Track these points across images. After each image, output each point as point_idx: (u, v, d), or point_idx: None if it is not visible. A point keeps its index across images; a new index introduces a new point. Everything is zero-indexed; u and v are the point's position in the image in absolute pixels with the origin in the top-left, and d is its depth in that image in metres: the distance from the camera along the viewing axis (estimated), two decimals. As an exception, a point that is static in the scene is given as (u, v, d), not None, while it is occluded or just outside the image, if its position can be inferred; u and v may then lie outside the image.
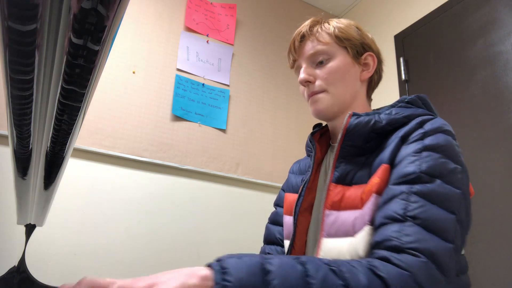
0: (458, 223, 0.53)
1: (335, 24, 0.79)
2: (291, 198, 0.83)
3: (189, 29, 2.12)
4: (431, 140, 0.60)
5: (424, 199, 0.54)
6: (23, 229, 1.18)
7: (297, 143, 2.30)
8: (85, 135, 1.70)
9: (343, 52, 0.77)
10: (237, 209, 1.98)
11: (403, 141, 0.63)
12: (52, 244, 1.52)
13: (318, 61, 0.77)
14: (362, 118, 0.69)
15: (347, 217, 0.65)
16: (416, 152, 0.59)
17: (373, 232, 0.58)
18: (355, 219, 0.63)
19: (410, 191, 0.55)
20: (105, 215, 1.66)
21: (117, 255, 1.63)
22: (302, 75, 0.78)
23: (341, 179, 0.69)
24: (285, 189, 0.91)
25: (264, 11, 2.47)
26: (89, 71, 0.41)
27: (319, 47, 0.77)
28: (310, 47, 0.78)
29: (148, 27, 2.01)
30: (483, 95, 1.64)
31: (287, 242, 0.78)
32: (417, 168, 0.57)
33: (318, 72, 0.77)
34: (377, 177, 0.61)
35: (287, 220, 0.82)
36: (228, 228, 1.92)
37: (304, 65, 0.79)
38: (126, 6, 0.37)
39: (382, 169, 0.62)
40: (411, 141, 0.62)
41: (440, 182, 0.55)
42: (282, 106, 2.34)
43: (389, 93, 2.09)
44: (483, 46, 1.69)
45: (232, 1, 2.33)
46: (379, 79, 0.84)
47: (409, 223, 0.52)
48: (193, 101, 2.03)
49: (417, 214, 0.52)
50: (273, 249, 0.86)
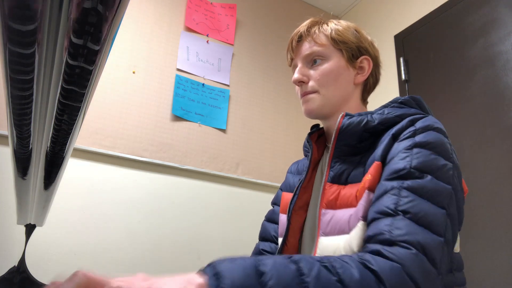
0: (449, 217, 0.54)
1: (333, 26, 0.80)
2: (288, 197, 0.85)
3: (189, 29, 2.12)
4: (421, 137, 0.61)
5: (415, 194, 0.55)
6: (23, 229, 1.19)
7: (296, 143, 2.30)
8: (85, 135, 1.70)
9: (338, 55, 0.78)
10: (237, 209, 1.98)
11: (394, 139, 0.65)
12: (52, 244, 1.52)
13: (313, 61, 0.79)
14: (355, 118, 0.70)
15: (342, 215, 0.66)
16: (407, 148, 0.60)
17: (365, 228, 0.59)
18: (350, 216, 0.64)
19: (401, 186, 0.56)
20: (105, 215, 1.66)
21: (117, 255, 1.63)
22: (296, 75, 0.79)
23: (336, 178, 0.71)
24: (283, 188, 0.93)
25: (264, 11, 2.47)
26: (89, 71, 0.41)
27: (315, 48, 0.78)
28: (307, 47, 0.79)
29: (148, 27, 2.01)
30: (483, 95, 1.64)
31: (280, 239, 0.80)
32: (407, 164, 0.58)
33: (312, 72, 0.79)
34: (369, 174, 0.63)
35: (282, 218, 0.84)
36: (228, 228, 1.92)
37: (300, 65, 0.80)
38: (126, 6, 0.37)
39: (374, 166, 0.63)
40: (402, 139, 0.63)
41: (430, 177, 0.56)
42: (282, 106, 2.34)
43: (389, 93, 2.09)
44: (483, 46, 1.69)
45: (232, 1, 2.33)
46: (376, 82, 0.85)
47: (400, 217, 0.53)
48: (193, 101, 2.03)
49: (408, 208, 0.53)
50: (267, 245, 0.88)
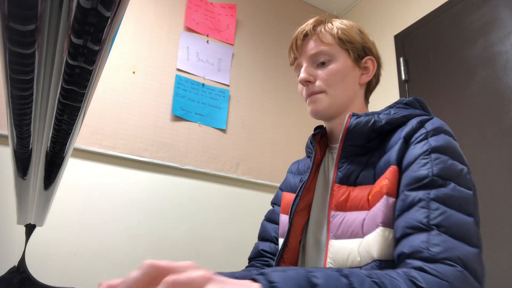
0: (477, 225, 0.54)
1: (338, 25, 0.79)
2: (289, 198, 0.84)
3: (189, 29, 2.12)
4: (436, 141, 0.60)
5: (444, 205, 0.54)
6: (23, 229, 1.19)
7: (297, 143, 2.30)
8: (85, 135, 1.70)
9: (345, 55, 0.78)
10: (237, 209, 1.98)
11: (406, 141, 0.64)
12: (52, 244, 1.52)
13: (320, 61, 0.78)
14: (362, 118, 0.70)
15: (354, 218, 0.65)
16: (425, 154, 0.60)
17: (385, 233, 0.59)
18: (364, 220, 0.63)
19: (428, 197, 0.55)
20: (105, 215, 1.66)
21: (117, 255, 1.63)
22: (303, 74, 0.78)
23: (344, 179, 0.70)
24: (283, 188, 0.92)
25: (264, 11, 2.47)
26: (89, 71, 0.41)
27: (322, 47, 0.77)
28: (313, 46, 0.78)
29: (148, 27, 2.01)
30: (483, 95, 1.64)
31: (281, 240, 0.79)
32: (429, 172, 0.57)
33: (318, 72, 0.77)
34: (386, 179, 0.62)
35: (283, 219, 0.83)
36: (228, 228, 1.92)
37: (305, 64, 0.79)
38: (126, 6, 0.37)
39: (390, 171, 0.62)
40: (416, 142, 0.62)
41: (453, 185, 0.56)
42: (282, 106, 2.34)
43: (389, 93, 2.09)
44: (483, 46, 1.69)
45: (232, 1, 2.33)
46: (377, 82, 0.85)
47: (435, 232, 0.52)
48: (193, 101, 2.02)
49: (441, 222, 0.53)
50: (267, 245, 0.87)
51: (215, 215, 1.91)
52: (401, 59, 2.10)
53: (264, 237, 0.90)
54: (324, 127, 0.87)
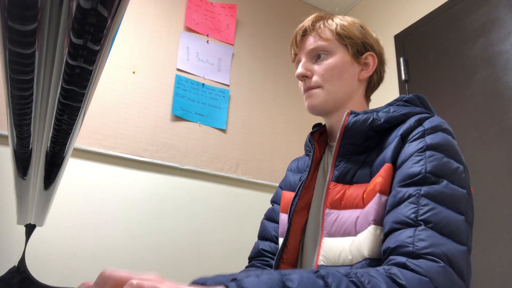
0: (467, 224, 0.54)
1: (338, 21, 0.79)
2: (288, 196, 0.83)
3: (189, 29, 2.12)
4: (432, 139, 0.60)
5: (434, 201, 0.53)
6: (23, 229, 1.18)
7: (297, 142, 2.30)
8: (85, 135, 1.70)
9: (343, 50, 0.77)
10: (237, 209, 1.98)
11: (403, 139, 0.63)
12: (52, 244, 1.52)
13: (317, 56, 0.78)
14: (360, 116, 0.69)
15: (348, 216, 0.65)
16: (419, 151, 0.59)
17: (377, 232, 0.58)
18: (358, 218, 0.63)
19: (418, 193, 0.55)
20: (105, 215, 1.66)
21: (117, 255, 1.63)
22: (300, 69, 0.78)
23: (340, 177, 0.69)
24: (283, 187, 0.91)
25: (264, 11, 2.47)
26: (89, 71, 0.41)
27: (320, 42, 0.77)
28: (311, 42, 0.78)
29: (148, 27, 2.01)
30: (483, 95, 1.64)
31: (281, 239, 0.78)
32: (422, 169, 0.56)
33: (316, 67, 0.77)
34: (380, 176, 0.61)
35: (283, 218, 0.82)
36: (228, 228, 1.92)
37: (303, 60, 0.79)
38: (126, 6, 0.37)
39: (385, 169, 0.61)
40: (412, 139, 0.62)
41: (446, 182, 0.55)
42: (282, 106, 2.34)
43: (389, 93, 2.09)
44: (483, 46, 1.69)
45: (232, 1, 2.33)
46: (380, 79, 0.83)
47: (421, 228, 0.51)
48: (193, 101, 2.03)
49: (429, 218, 0.52)
50: (267, 245, 0.87)
51: (215, 215, 1.91)
52: (401, 59, 2.10)
53: (264, 236, 0.90)
54: (323, 124, 0.87)
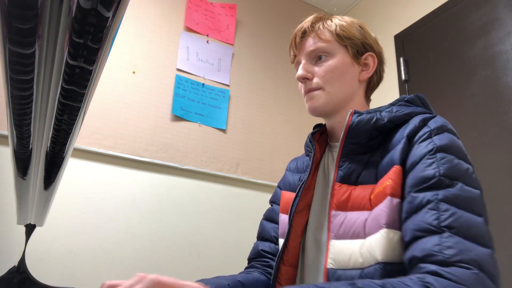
0: (487, 225, 0.54)
1: (338, 22, 0.78)
2: (288, 197, 0.83)
3: (189, 29, 2.12)
4: (440, 140, 0.59)
5: (453, 205, 0.53)
6: (23, 229, 1.18)
7: (297, 142, 2.30)
8: (85, 135, 1.70)
9: (343, 51, 0.77)
10: (237, 209, 1.98)
11: (409, 141, 0.63)
12: (52, 244, 1.52)
13: (317, 58, 0.77)
14: (364, 115, 0.69)
15: (356, 218, 0.64)
16: (430, 153, 0.59)
17: (389, 235, 0.57)
18: (366, 220, 0.62)
19: (436, 198, 0.54)
20: (105, 215, 1.66)
21: (117, 255, 1.63)
22: (300, 71, 0.78)
23: (345, 178, 0.69)
24: (282, 186, 0.90)
25: (264, 11, 2.47)
26: (89, 71, 0.41)
27: (319, 44, 0.77)
28: (311, 43, 0.78)
29: (148, 27, 2.01)
30: (483, 95, 1.64)
31: (281, 240, 0.78)
32: (436, 172, 0.56)
33: (316, 69, 0.77)
34: (389, 179, 0.61)
35: (283, 218, 0.81)
36: (228, 228, 1.92)
37: (303, 61, 0.78)
38: (126, 6, 0.37)
39: (394, 171, 0.61)
40: (420, 141, 0.61)
41: (460, 185, 0.55)
42: (282, 106, 2.34)
43: (389, 93, 2.09)
44: (483, 46, 1.69)
45: (232, 1, 2.33)
46: (379, 79, 0.83)
47: (446, 234, 0.51)
48: (193, 101, 2.02)
49: (451, 223, 0.52)
50: (267, 245, 0.86)
51: (215, 215, 1.91)
52: (401, 59, 2.10)
53: (263, 236, 0.89)
54: (324, 124, 0.86)
